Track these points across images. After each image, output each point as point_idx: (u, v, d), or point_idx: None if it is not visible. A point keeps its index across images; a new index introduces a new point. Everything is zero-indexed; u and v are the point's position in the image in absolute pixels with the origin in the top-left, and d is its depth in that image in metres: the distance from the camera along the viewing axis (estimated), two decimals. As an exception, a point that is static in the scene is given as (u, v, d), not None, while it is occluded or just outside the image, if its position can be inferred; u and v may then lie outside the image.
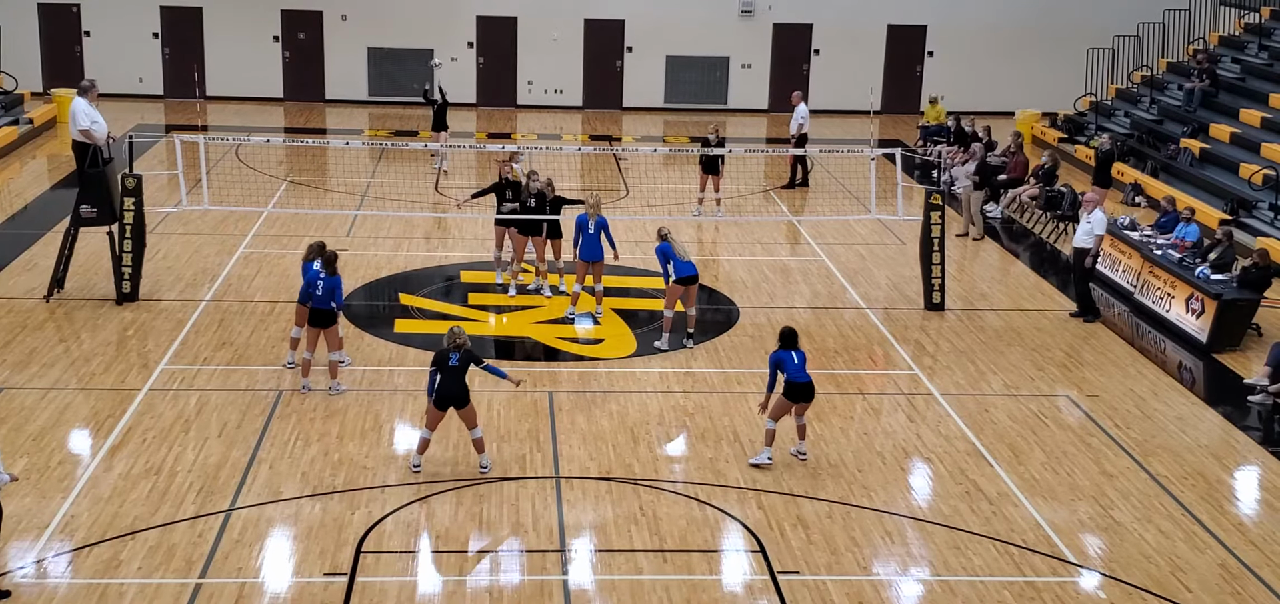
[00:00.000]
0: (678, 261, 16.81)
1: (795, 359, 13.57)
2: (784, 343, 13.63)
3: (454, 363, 13.06)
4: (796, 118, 27.03)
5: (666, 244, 16.88)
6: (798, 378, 13.53)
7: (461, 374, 13.09)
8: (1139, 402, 16.02)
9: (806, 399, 13.67)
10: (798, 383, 13.54)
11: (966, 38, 35.89)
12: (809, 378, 13.65)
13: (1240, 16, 31.66)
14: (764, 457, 13.70)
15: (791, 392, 13.55)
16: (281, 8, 34.77)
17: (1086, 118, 31.54)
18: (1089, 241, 18.98)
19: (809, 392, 13.64)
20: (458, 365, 13.07)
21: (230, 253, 20.59)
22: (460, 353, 13.09)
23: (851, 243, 22.51)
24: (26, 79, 32.15)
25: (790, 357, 13.57)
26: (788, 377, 13.51)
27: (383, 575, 11.39)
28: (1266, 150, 24.72)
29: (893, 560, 11.97)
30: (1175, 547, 12.39)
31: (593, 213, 17.78)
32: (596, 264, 17.87)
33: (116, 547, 11.66)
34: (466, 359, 13.10)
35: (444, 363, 13.06)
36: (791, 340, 13.63)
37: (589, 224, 17.69)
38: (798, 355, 13.61)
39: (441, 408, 13.08)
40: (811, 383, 13.68)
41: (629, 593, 11.21)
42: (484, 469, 13.34)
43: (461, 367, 13.09)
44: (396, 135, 31.45)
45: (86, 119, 18.17)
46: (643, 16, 35.26)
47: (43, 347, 16.52)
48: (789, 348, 13.59)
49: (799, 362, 13.58)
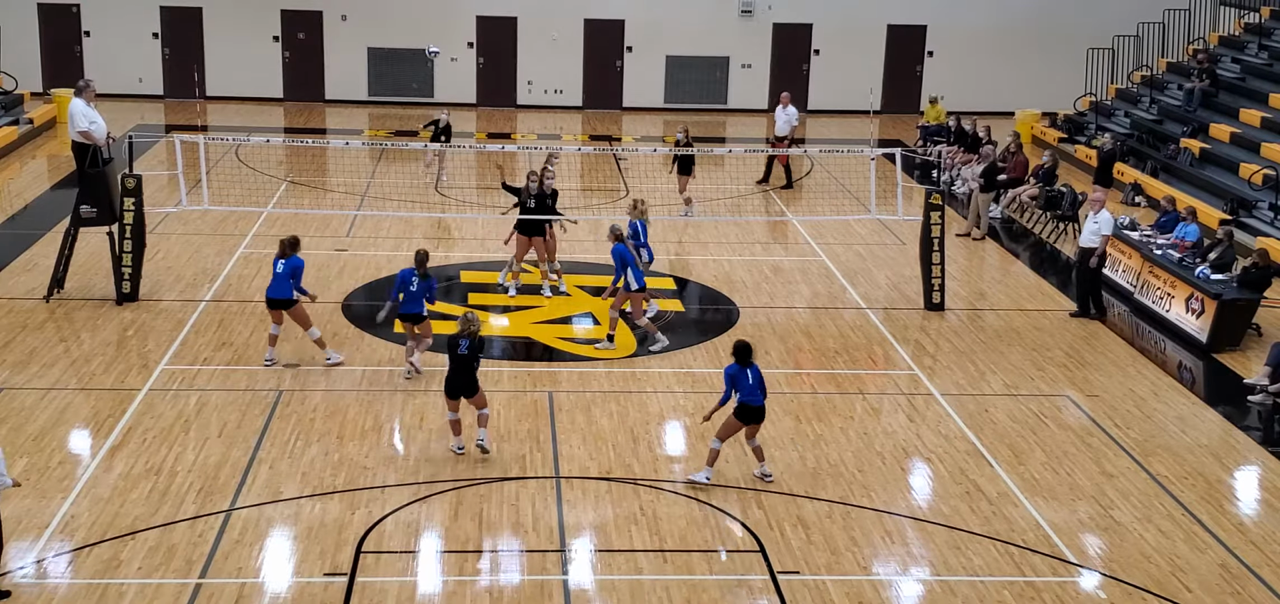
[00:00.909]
0: (637, 271, 16.57)
1: (750, 377, 12.85)
2: (740, 358, 12.85)
3: (463, 351, 13.20)
4: (788, 119, 26.93)
5: (624, 247, 16.61)
6: (752, 400, 12.83)
7: (469, 363, 13.22)
8: (1139, 402, 16.02)
9: (757, 421, 13.00)
10: (752, 406, 12.86)
11: (966, 38, 35.89)
12: (763, 401, 12.96)
13: (1240, 16, 31.67)
14: (703, 475, 13.09)
15: (744, 413, 12.89)
16: (281, 8, 34.78)
17: (1086, 118, 31.54)
18: (1095, 242, 18.96)
19: (761, 414, 12.99)
20: (466, 354, 13.20)
21: (230, 253, 20.59)
22: (471, 341, 13.20)
23: (851, 243, 22.51)
24: (26, 79, 32.15)
25: (746, 375, 12.83)
26: (741, 397, 12.82)
27: (383, 575, 11.39)
28: (1266, 150, 24.73)
29: (893, 560, 11.97)
30: (1175, 547, 12.39)
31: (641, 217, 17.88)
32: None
33: (116, 547, 11.66)
34: (475, 348, 13.20)
35: (454, 349, 13.25)
36: (747, 355, 12.85)
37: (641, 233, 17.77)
38: (752, 373, 12.88)
39: (452, 396, 13.38)
40: (764, 406, 13.01)
41: (629, 593, 11.21)
42: (480, 443, 13.50)
43: (470, 355, 13.20)
44: (396, 135, 31.44)
45: (85, 120, 18.17)
46: (643, 16, 35.26)
47: (43, 347, 16.52)
48: (745, 364, 12.86)
49: (753, 381, 12.86)
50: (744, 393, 12.86)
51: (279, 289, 15.72)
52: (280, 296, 15.74)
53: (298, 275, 15.75)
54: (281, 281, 15.71)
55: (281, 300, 15.75)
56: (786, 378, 16.32)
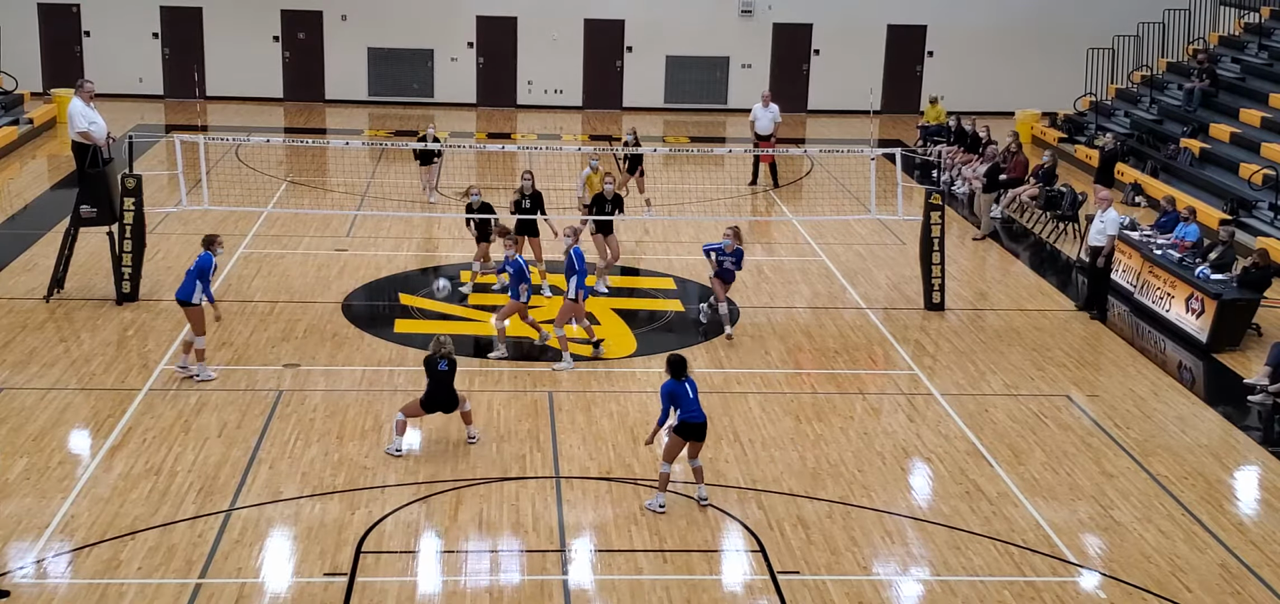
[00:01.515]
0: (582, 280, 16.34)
1: (690, 392, 12.46)
2: (675, 372, 12.46)
3: (443, 369, 13.56)
4: (772, 117, 26.82)
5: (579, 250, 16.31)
6: (693, 416, 12.39)
7: (450, 379, 13.61)
8: (1139, 402, 16.02)
9: (700, 438, 12.57)
10: (693, 422, 12.42)
11: (966, 38, 35.89)
12: (704, 416, 12.52)
13: (1240, 16, 31.67)
14: (657, 502, 12.61)
15: (686, 430, 12.44)
16: (281, 8, 34.77)
17: (1086, 118, 31.54)
18: (1102, 240, 19.04)
19: (704, 431, 12.55)
20: (446, 371, 13.58)
21: (230, 253, 20.58)
22: (448, 360, 13.60)
23: (851, 243, 22.51)
24: (26, 79, 32.15)
25: (685, 389, 12.42)
26: (682, 413, 12.40)
27: (383, 575, 11.39)
28: (1266, 150, 24.73)
29: (893, 560, 11.97)
30: (1175, 547, 12.39)
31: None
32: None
33: (116, 547, 11.66)
34: (453, 366, 13.63)
35: (433, 368, 13.57)
36: (682, 369, 12.46)
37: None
38: (691, 387, 12.49)
39: (429, 410, 13.67)
40: (705, 422, 12.55)
41: (629, 593, 11.21)
42: (470, 439, 13.88)
43: (450, 372, 13.60)
44: (396, 135, 31.44)
45: (84, 121, 18.18)
46: (643, 16, 35.26)
47: (43, 347, 16.52)
48: (682, 378, 12.48)
49: (694, 395, 12.48)
50: (685, 409, 12.44)
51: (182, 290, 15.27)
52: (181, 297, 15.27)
53: (205, 275, 15.29)
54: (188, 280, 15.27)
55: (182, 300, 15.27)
56: (786, 378, 16.32)
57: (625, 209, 19.35)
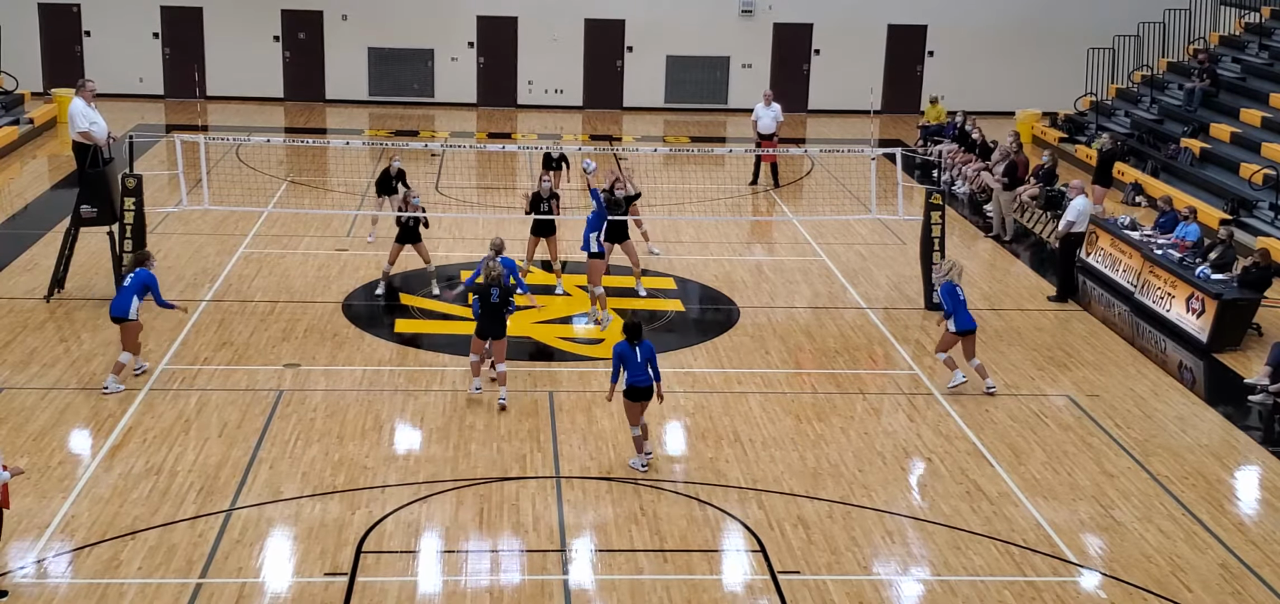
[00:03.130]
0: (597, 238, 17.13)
1: (639, 355, 13.02)
2: (629, 335, 13.06)
3: (494, 299, 14.69)
4: (774, 116, 26.82)
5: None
6: (639, 380, 13.01)
7: (500, 309, 14.77)
8: (1139, 401, 16.02)
9: (645, 400, 13.12)
10: (638, 385, 13.02)
11: (966, 38, 35.88)
12: (649, 380, 13.08)
13: (1240, 16, 31.66)
14: (640, 462, 13.33)
15: (632, 392, 13.09)
16: (282, 8, 34.77)
17: (1087, 118, 31.53)
18: (1062, 226, 19.93)
19: (649, 393, 13.11)
20: (497, 302, 14.72)
21: (230, 253, 20.59)
22: (500, 289, 14.68)
23: (851, 243, 22.51)
24: (27, 79, 32.15)
25: (633, 353, 13.02)
26: (629, 377, 13.03)
27: (383, 575, 11.39)
28: (1267, 150, 24.72)
29: (893, 560, 11.97)
30: (1176, 546, 12.39)
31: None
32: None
33: (117, 547, 11.66)
34: (505, 294, 14.73)
35: (486, 297, 14.71)
36: (636, 333, 13.07)
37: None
38: (642, 352, 13.04)
39: (482, 337, 14.85)
40: (652, 386, 13.11)
41: (629, 593, 11.21)
42: (502, 403, 14.84)
43: (501, 302, 14.74)
44: (396, 135, 31.44)
45: (85, 121, 18.18)
46: (643, 16, 35.26)
47: (43, 347, 16.51)
48: (633, 342, 13.05)
49: (642, 359, 13.04)
50: (631, 372, 13.03)
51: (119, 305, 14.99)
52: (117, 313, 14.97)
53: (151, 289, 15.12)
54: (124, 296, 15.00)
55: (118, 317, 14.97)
56: (787, 378, 16.32)
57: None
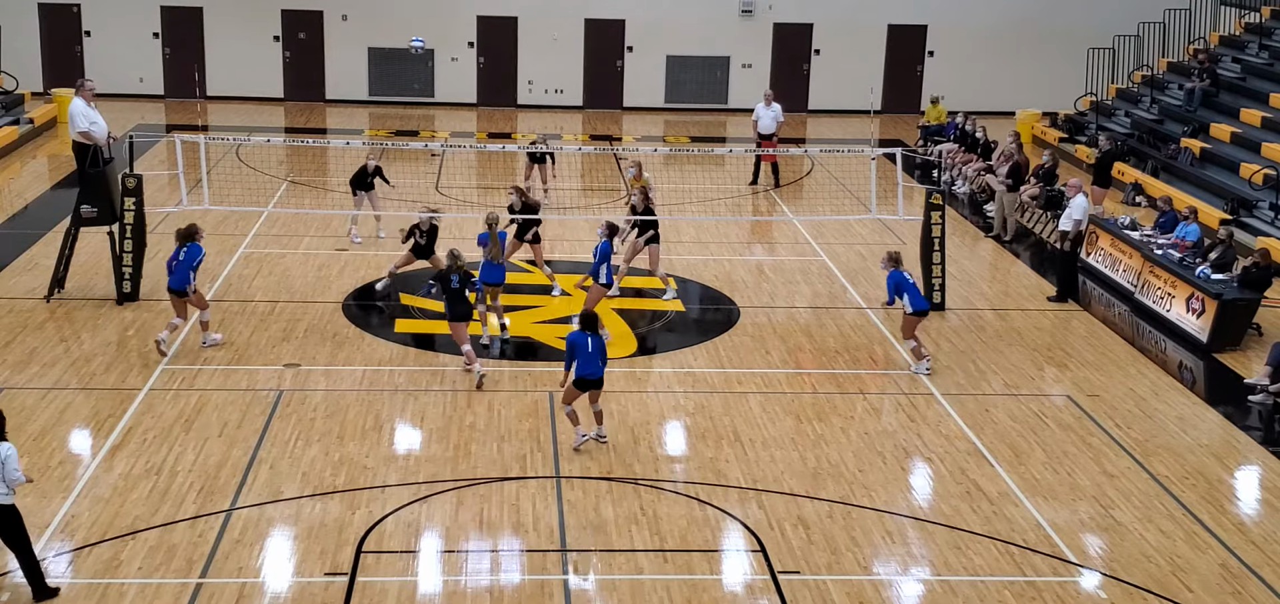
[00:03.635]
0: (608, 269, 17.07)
1: (590, 346, 13.37)
2: (582, 325, 13.51)
3: (455, 284, 15.46)
4: (775, 116, 26.84)
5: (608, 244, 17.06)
6: (588, 371, 13.38)
7: (461, 292, 15.49)
8: (1139, 401, 16.02)
9: (592, 389, 13.57)
10: (587, 376, 13.40)
11: (966, 38, 35.88)
12: (600, 371, 13.48)
13: (1241, 16, 31.65)
14: (579, 436, 13.74)
15: (580, 382, 13.47)
16: (282, 8, 34.76)
17: (1087, 118, 31.53)
18: (1067, 225, 19.84)
19: (598, 383, 13.54)
20: (458, 286, 15.48)
21: (231, 253, 20.59)
22: (460, 274, 15.46)
23: (851, 243, 22.51)
24: (27, 79, 32.14)
25: (585, 343, 13.37)
26: (578, 368, 13.39)
27: (383, 575, 11.39)
28: (1267, 150, 24.72)
29: (893, 560, 11.97)
30: (1176, 546, 12.39)
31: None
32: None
33: (117, 547, 11.66)
34: (465, 279, 15.53)
35: (447, 284, 15.49)
36: (589, 323, 13.49)
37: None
38: (593, 342, 13.40)
39: (458, 321, 15.57)
40: (601, 377, 13.52)
41: (629, 593, 11.21)
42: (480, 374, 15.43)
43: (460, 287, 15.49)
44: (397, 135, 31.44)
45: (85, 121, 18.18)
46: (643, 16, 35.25)
47: (43, 346, 16.52)
48: (584, 331, 13.43)
49: (593, 349, 13.35)
50: (582, 363, 13.34)
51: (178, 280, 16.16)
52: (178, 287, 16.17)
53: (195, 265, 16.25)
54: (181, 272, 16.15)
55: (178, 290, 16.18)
56: (787, 378, 16.32)
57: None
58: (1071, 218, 19.82)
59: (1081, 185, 20.51)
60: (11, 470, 10.56)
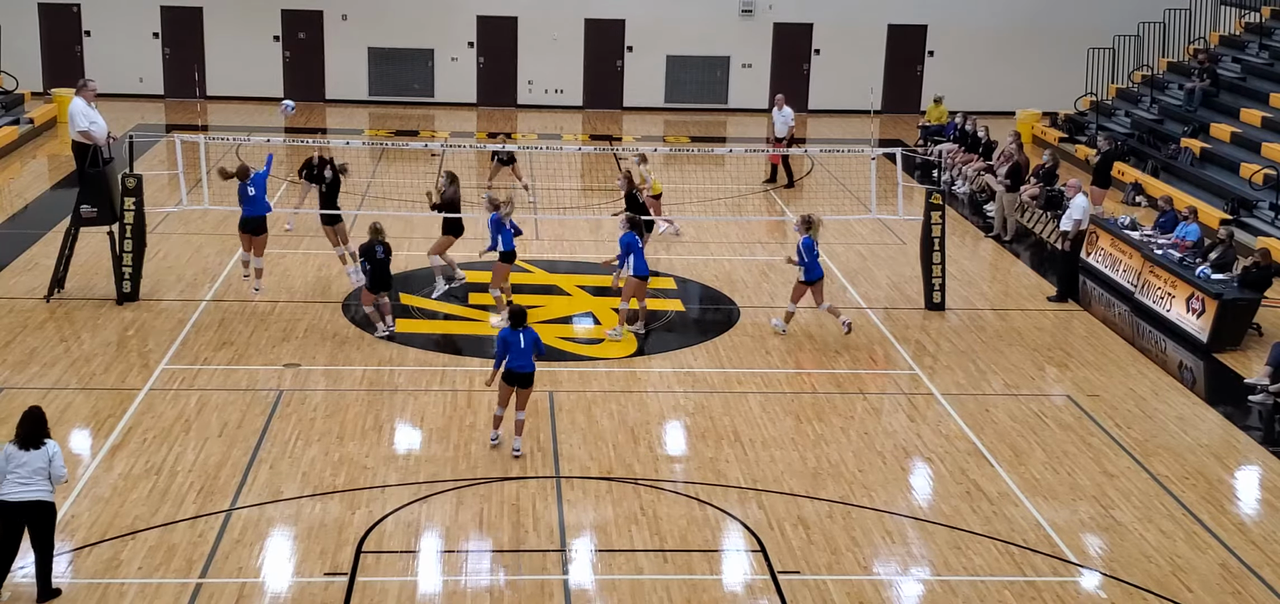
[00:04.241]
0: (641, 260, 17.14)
1: (522, 341, 13.29)
2: (513, 321, 13.40)
3: (380, 255, 16.41)
4: (785, 120, 26.96)
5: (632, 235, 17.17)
6: (520, 365, 13.30)
7: (386, 264, 16.45)
8: (1140, 401, 16.02)
9: (526, 387, 13.47)
10: (518, 371, 13.33)
11: (966, 38, 35.88)
12: (532, 366, 13.39)
13: (1241, 16, 31.66)
14: (493, 437, 13.79)
15: (510, 377, 13.38)
16: (282, 7, 34.77)
17: (1087, 118, 31.53)
18: (1068, 225, 19.89)
19: (528, 380, 13.45)
20: (382, 257, 16.44)
21: (231, 253, 20.58)
22: (384, 246, 16.39)
23: (852, 243, 22.51)
24: (27, 79, 32.14)
25: (517, 338, 13.28)
26: (510, 362, 13.31)
27: (383, 575, 11.39)
28: (1267, 150, 24.72)
29: (893, 560, 11.97)
30: (1176, 546, 12.39)
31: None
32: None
33: (117, 547, 11.66)
34: (389, 252, 16.43)
35: (372, 255, 16.42)
36: (520, 319, 13.40)
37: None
38: (525, 337, 13.31)
39: (375, 291, 16.67)
40: (531, 373, 13.43)
41: (629, 593, 11.21)
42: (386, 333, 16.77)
43: (386, 258, 16.45)
44: (397, 135, 31.44)
45: (85, 120, 18.17)
46: (643, 16, 35.26)
47: (43, 346, 16.51)
48: (517, 327, 13.32)
49: (526, 345, 13.32)
50: (513, 357, 13.27)
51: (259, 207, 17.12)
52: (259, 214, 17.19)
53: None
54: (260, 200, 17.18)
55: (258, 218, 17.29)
56: (787, 378, 16.32)
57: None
58: (1072, 218, 19.85)
59: (1082, 185, 20.54)
60: (58, 467, 10.67)
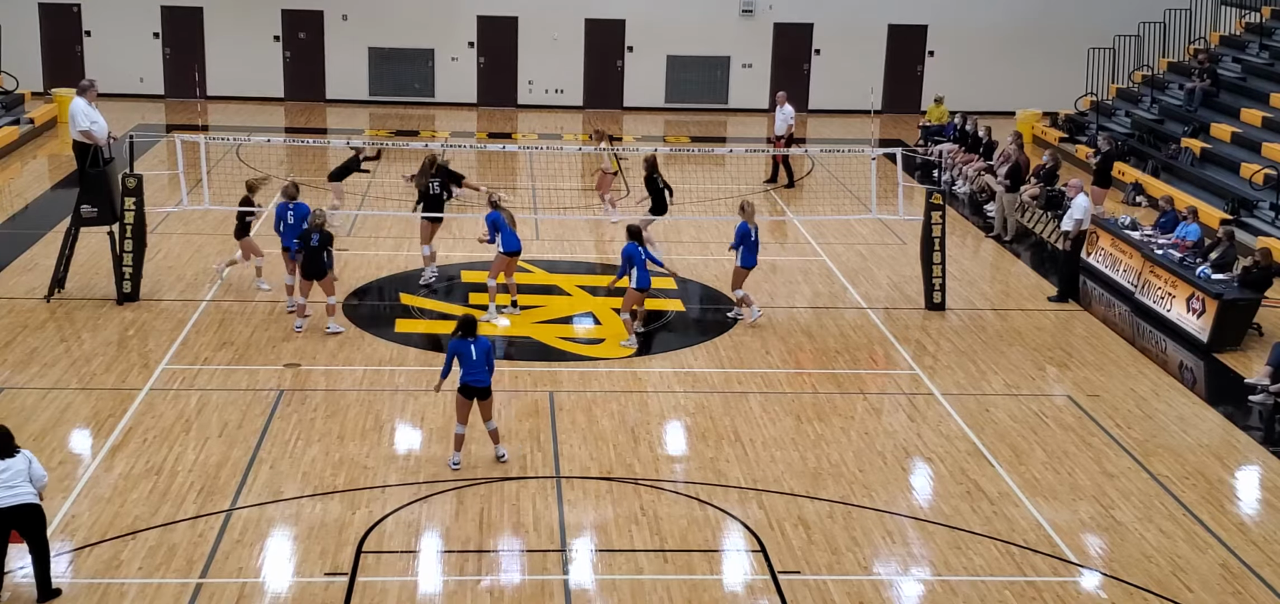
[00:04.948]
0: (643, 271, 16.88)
1: (474, 353, 12.89)
2: (463, 331, 12.96)
3: (314, 243, 16.52)
4: (786, 117, 27.00)
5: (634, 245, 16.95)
6: (473, 378, 12.89)
7: (320, 252, 16.53)
8: (1140, 401, 16.02)
9: (484, 399, 13.08)
10: (473, 383, 12.93)
11: (967, 38, 35.89)
12: (487, 379, 12.97)
13: (1241, 16, 31.66)
14: (453, 460, 13.27)
15: (465, 389, 13.00)
16: (282, 7, 34.77)
17: (1087, 118, 31.53)
18: (1069, 225, 19.88)
19: (485, 393, 13.05)
20: (317, 245, 16.51)
21: (231, 253, 20.55)
22: (320, 233, 16.52)
23: (852, 242, 22.51)
24: (27, 79, 32.15)
25: (468, 349, 12.90)
26: (464, 375, 12.94)
27: (383, 575, 11.39)
28: (1267, 150, 24.72)
29: (893, 560, 11.96)
30: (1176, 546, 12.39)
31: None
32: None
33: (117, 547, 11.66)
34: (324, 239, 16.54)
35: (307, 242, 16.53)
36: (470, 328, 12.98)
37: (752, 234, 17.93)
38: (477, 348, 12.92)
39: (307, 278, 16.76)
40: (487, 384, 13.01)
41: (630, 593, 11.21)
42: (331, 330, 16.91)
43: (320, 246, 16.52)
44: (397, 135, 31.44)
45: (86, 120, 18.17)
46: (643, 16, 35.26)
47: (43, 346, 16.51)
48: (467, 337, 12.95)
49: (478, 357, 12.91)
50: (466, 370, 12.92)
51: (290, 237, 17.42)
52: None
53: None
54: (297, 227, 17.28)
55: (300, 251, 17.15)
56: (787, 378, 16.32)
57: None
58: (1073, 218, 19.84)
59: (1082, 185, 20.53)
60: (37, 470, 10.72)
